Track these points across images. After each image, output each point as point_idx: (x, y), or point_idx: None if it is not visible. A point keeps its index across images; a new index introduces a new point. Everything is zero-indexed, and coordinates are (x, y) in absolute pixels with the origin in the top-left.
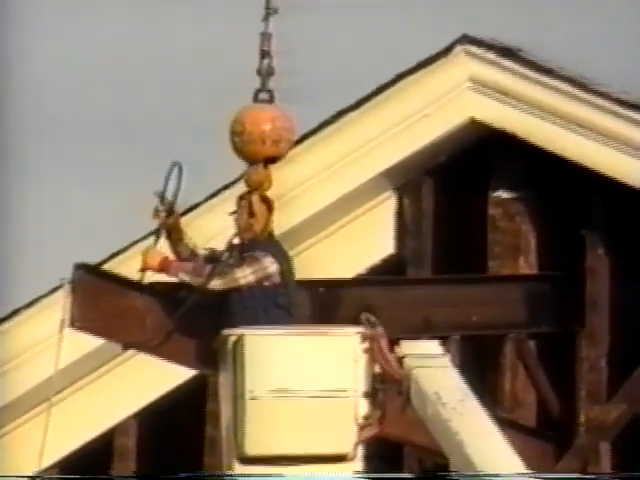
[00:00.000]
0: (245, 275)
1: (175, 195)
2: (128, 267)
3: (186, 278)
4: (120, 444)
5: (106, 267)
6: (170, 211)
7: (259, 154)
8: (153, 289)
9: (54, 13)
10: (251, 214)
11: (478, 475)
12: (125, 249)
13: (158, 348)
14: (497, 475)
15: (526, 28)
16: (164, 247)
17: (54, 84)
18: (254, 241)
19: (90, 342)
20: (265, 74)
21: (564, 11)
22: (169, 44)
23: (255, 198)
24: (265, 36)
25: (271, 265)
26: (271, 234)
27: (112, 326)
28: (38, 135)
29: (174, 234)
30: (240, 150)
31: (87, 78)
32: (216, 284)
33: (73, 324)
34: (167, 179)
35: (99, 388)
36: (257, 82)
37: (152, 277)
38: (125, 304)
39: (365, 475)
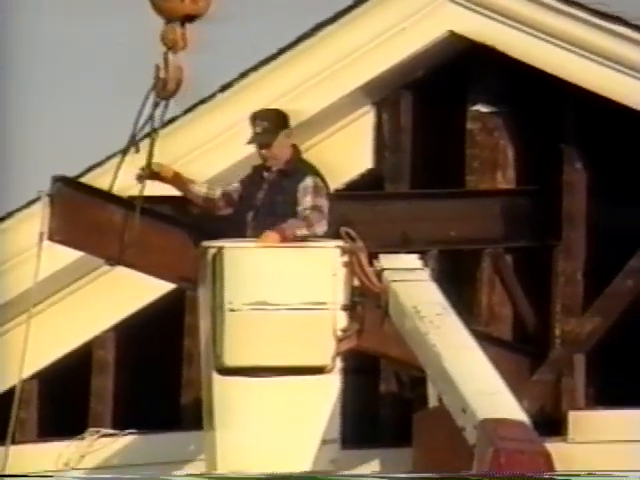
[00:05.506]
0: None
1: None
2: (105, 180)
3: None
4: (98, 356)
5: (83, 180)
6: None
7: (177, 11)
8: (132, 202)
9: None
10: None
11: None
12: (101, 162)
13: (136, 261)
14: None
15: None
16: None
17: None
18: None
19: (69, 254)
20: None
21: None
22: None
23: (171, 58)
24: None
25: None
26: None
27: (91, 239)
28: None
29: (177, 185)
30: (158, 7)
31: None
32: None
33: (52, 237)
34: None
35: (77, 301)
36: None
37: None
38: (104, 217)
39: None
